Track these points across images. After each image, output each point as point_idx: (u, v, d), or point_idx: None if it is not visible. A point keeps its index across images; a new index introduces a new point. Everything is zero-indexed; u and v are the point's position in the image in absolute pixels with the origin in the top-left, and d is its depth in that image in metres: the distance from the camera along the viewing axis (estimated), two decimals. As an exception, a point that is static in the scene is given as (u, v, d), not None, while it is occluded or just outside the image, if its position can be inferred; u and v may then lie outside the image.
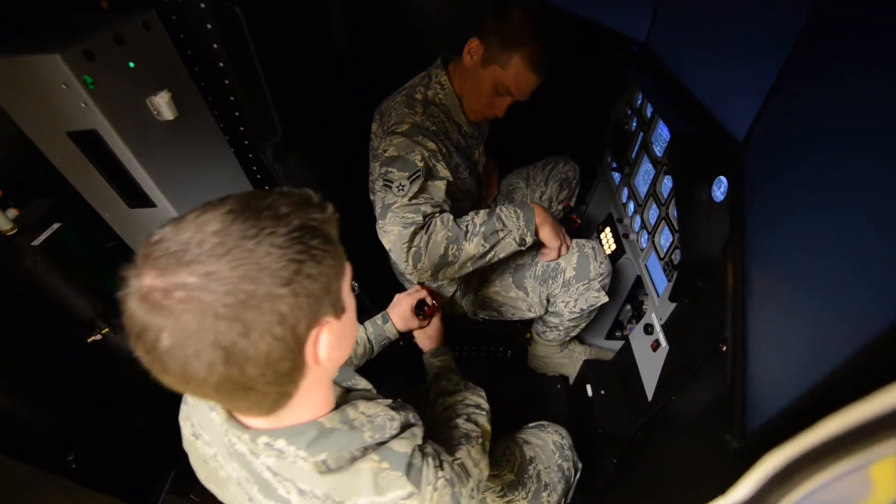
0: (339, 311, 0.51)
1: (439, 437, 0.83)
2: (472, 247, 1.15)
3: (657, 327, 1.32)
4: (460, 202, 1.40)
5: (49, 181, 0.94)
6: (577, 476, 1.20)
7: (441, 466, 0.61)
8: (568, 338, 1.65)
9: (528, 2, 1.13)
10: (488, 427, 0.92)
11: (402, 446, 0.59)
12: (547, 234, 1.27)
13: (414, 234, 1.09)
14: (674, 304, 1.25)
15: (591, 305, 1.43)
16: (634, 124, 1.56)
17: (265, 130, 1.08)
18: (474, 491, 0.71)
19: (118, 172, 0.81)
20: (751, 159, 0.93)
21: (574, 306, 1.44)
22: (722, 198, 1.02)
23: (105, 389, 1.06)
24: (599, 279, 1.39)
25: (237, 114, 1.03)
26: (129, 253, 1.02)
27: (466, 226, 1.16)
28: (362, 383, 0.75)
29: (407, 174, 1.09)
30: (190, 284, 0.40)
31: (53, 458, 1.01)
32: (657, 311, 1.34)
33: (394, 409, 0.65)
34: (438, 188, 1.17)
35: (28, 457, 0.94)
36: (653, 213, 1.40)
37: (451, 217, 1.15)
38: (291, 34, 1.09)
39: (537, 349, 1.74)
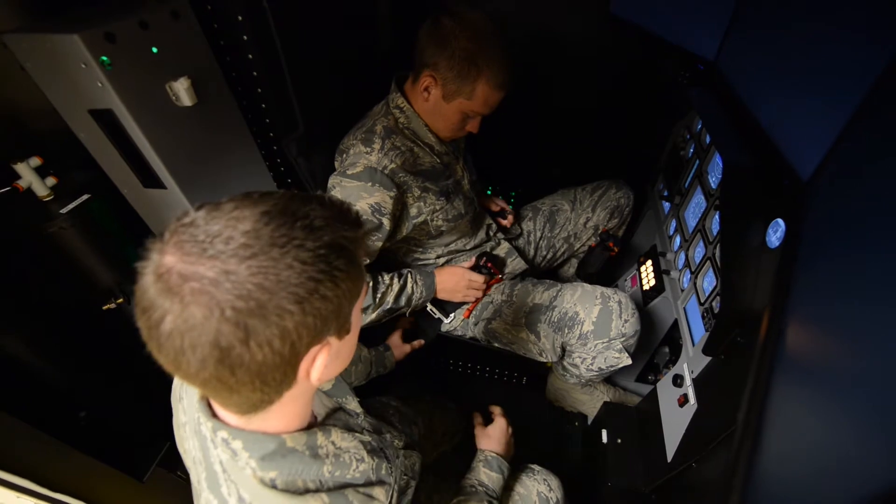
0: (343, 332, 0.51)
1: None
2: (374, 317, 1.22)
3: (687, 380, 1.17)
4: (447, 234, 1.33)
5: (90, 155, 0.99)
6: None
7: None
8: (587, 384, 1.52)
9: (464, 19, 1.00)
10: None
11: (359, 500, 0.56)
12: (445, 296, 1.34)
13: None
14: (708, 358, 1.10)
15: (612, 366, 1.28)
16: (691, 151, 1.40)
17: (288, 125, 1.09)
18: None
19: (132, 152, 0.84)
20: (815, 203, 0.79)
21: (591, 364, 1.29)
22: (777, 244, 0.87)
23: (112, 357, 1.11)
24: (622, 339, 1.24)
25: (264, 106, 1.04)
26: (148, 230, 1.06)
27: (379, 296, 1.19)
28: (352, 404, 0.71)
29: None
30: (206, 278, 0.40)
31: (66, 413, 1.07)
32: (690, 362, 1.19)
33: (370, 451, 0.61)
34: (372, 247, 1.14)
35: (42, 409, 1.00)
36: (699, 252, 1.25)
37: (371, 283, 1.17)
38: (323, 30, 1.08)
39: (556, 381, 1.62)
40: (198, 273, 0.39)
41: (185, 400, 0.61)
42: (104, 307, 1.06)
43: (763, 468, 0.52)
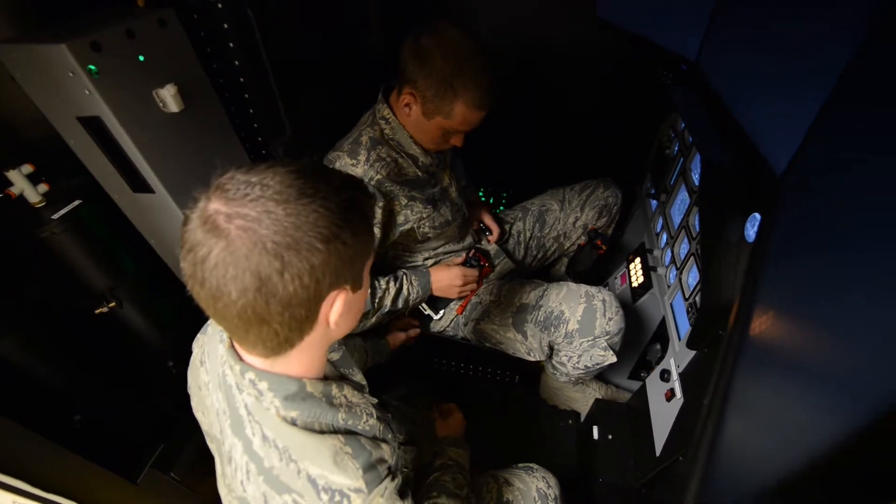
0: (356, 285, 0.57)
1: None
2: (374, 321, 1.24)
3: (674, 375, 1.18)
4: (435, 239, 1.34)
5: (81, 161, 1.01)
6: (560, 534, 1.08)
7: (403, 494, 0.61)
8: (579, 382, 1.53)
9: (443, 39, 1.00)
10: None
11: (370, 447, 0.60)
12: (441, 294, 1.34)
13: None
14: (693, 353, 1.11)
15: (597, 364, 1.30)
16: (676, 149, 1.42)
17: (275, 128, 1.11)
18: None
19: (121, 158, 0.85)
20: (787, 198, 0.80)
21: (578, 362, 1.31)
22: (755, 237, 0.89)
23: (106, 361, 1.13)
24: (606, 337, 1.26)
25: (251, 111, 1.06)
26: (139, 235, 1.08)
27: (378, 301, 1.21)
28: (358, 376, 0.75)
29: None
30: (250, 216, 0.46)
31: (60, 416, 1.09)
32: (676, 357, 1.21)
33: (376, 410, 0.66)
34: None
35: (36, 412, 1.01)
36: (684, 248, 1.26)
37: (368, 291, 1.15)
38: (309, 37, 1.10)
39: (549, 380, 1.63)
40: (241, 213, 0.46)
41: (209, 362, 0.67)
42: (97, 311, 1.08)
43: (726, 446, 0.53)
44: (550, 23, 1.66)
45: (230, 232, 0.46)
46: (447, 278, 1.33)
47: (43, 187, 1.02)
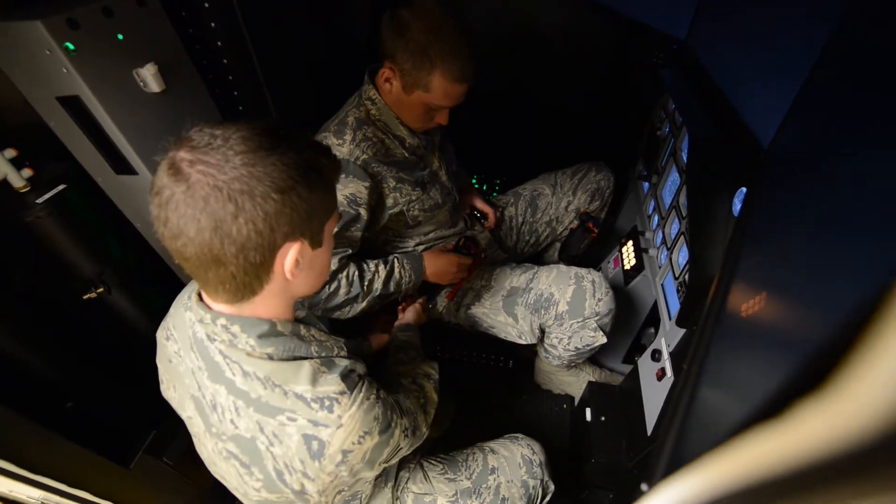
0: (315, 242, 0.60)
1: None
2: (364, 305, 1.20)
3: (665, 354, 1.18)
4: (425, 224, 1.33)
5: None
6: (547, 499, 1.09)
7: (377, 391, 0.66)
8: (573, 365, 1.53)
9: (420, 11, 0.99)
10: (433, 395, 0.94)
11: (344, 362, 0.65)
12: (434, 279, 1.31)
13: None
14: (683, 331, 1.11)
15: (588, 345, 1.30)
16: (667, 130, 1.42)
17: (260, 110, 1.10)
18: (408, 431, 0.73)
19: (102, 139, 0.85)
20: (771, 168, 0.80)
21: (568, 344, 1.32)
22: (740, 211, 0.89)
23: (95, 346, 1.13)
24: (596, 318, 1.26)
25: (235, 93, 1.05)
26: (126, 219, 1.08)
27: (367, 284, 1.19)
28: (322, 327, 0.76)
29: None
30: (210, 163, 0.50)
31: (52, 403, 1.09)
32: (667, 336, 1.21)
33: (343, 345, 0.70)
34: (353, 237, 1.14)
35: (27, 398, 1.02)
36: (674, 228, 1.26)
37: (357, 272, 1.16)
38: (293, 17, 1.09)
39: (542, 364, 1.63)
40: (203, 159, 0.50)
41: (175, 333, 0.69)
42: (84, 297, 1.07)
43: (697, 414, 0.53)
44: (538, 5, 1.65)
45: (191, 176, 0.50)
46: (442, 263, 1.31)
47: (27, 172, 1.01)
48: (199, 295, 0.64)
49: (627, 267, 1.48)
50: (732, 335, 0.54)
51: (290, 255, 0.57)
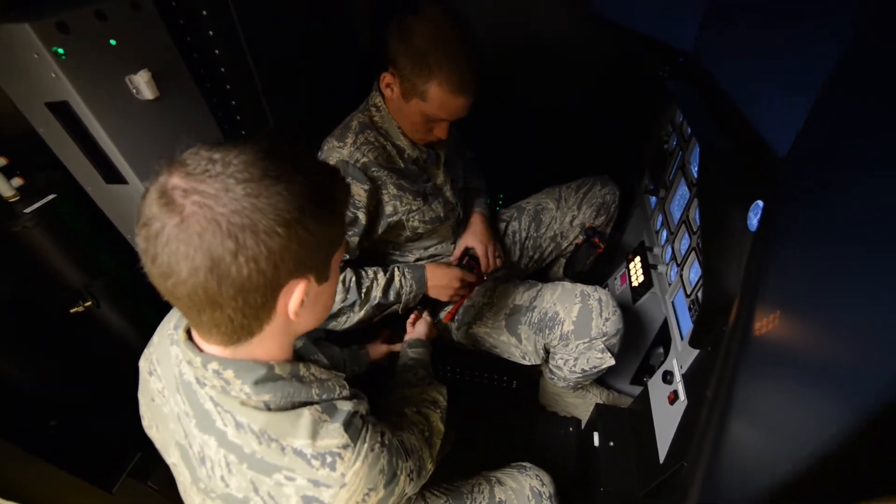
0: (321, 277, 0.55)
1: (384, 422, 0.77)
2: (362, 314, 1.16)
3: (677, 376, 1.12)
4: (426, 238, 1.29)
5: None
6: (555, 535, 1.02)
7: (382, 436, 0.61)
8: (579, 387, 1.47)
9: (426, 18, 0.97)
10: (440, 426, 0.88)
11: (346, 406, 0.59)
12: (434, 294, 1.26)
13: None
14: (697, 352, 1.06)
15: (595, 367, 1.24)
16: (674, 143, 1.38)
17: (259, 121, 1.07)
18: (413, 473, 0.67)
19: (92, 146, 0.82)
20: (791, 180, 0.76)
21: (574, 365, 1.25)
22: (758, 225, 0.85)
23: (81, 362, 1.08)
24: (603, 339, 1.19)
25: (233, 102, 1.03)
26: (118, 231, 1.04)
27: (364, 291, 1.14)
28: (323, 361, 0.71)
29: None
30: (208, 193, 0.44)
31: (32, 421, 1.04)
32: (679, 357, 1.15)
33: (346, 382, 0.65)
34: (351, 242, 1.10)
35: (11, 414, 0.97)
36: (684, 243, 1.21)
37: (354, 278, 1.12)
38: (292, 26, 1.08)
39: (547, 385, 1.57)
40: (199, 189, 0.44)
41: (160, 368, 0.63)
42: (72, 310, 1.03)
43: (729, 449, 0.48)
44: (543, 18, 1.64)
45: (185, 208, 0.44)
46: (446, 277, 1.26)
47: (17, 181, 0.99)
48: (188, 331, 0.58)
49: (635, 284, 1.43)
50: (764, 361, 0.49)
51: (294, 294, 0.52)
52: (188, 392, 0.57)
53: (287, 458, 0.54)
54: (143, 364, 0.68)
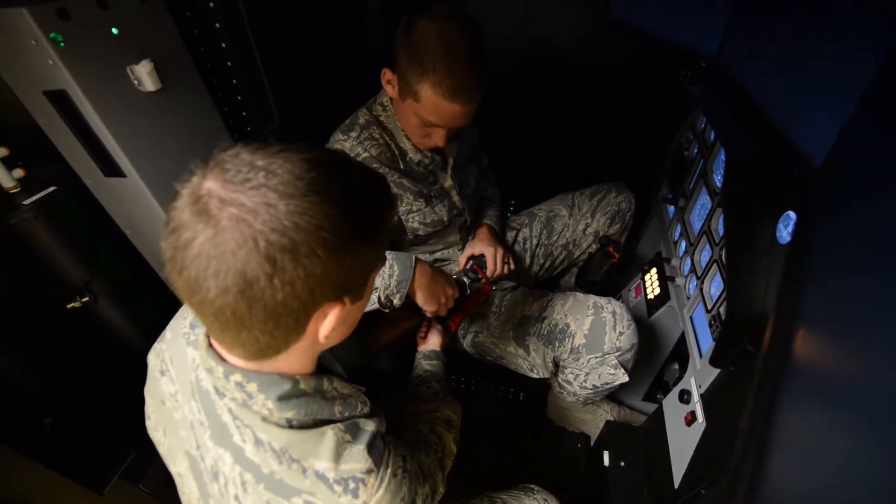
0: (357, 297, 0.52)
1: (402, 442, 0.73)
2: None
3: (695, 396, 1.06)
4: (430, 241, 1.24)
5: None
6: (562, 563, 0.96)
7: (403, 460, 0.58)
8: (589, 402, 1.40)
9: (434, 18, 0.93)
10: (453, 447, 0.83)
11: (369, 426, 0.56)
12: (420, 299, 1.06)
13: None
14: (717, 371, 0.99)
15: (607, 383, 1.17)
16: (695, 150, 1.33)
17: (265, 117, 1.05)
18: (429, 499, 0.64)
19: (90, 137, 0.80)
20: (827, 191, 0.70)
21: (585, 381, 1.18)
22: (789, 238, 0.79)
23: (77, 358, 1.06)
24: (616, 354, 1.13)
25: (239, 98, 1.01)
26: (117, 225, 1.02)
27: None
28: (339, 370, 0.68)
29: None
30: (247, 206, 0.40)
31: (28, 420, 1.01)
32: (697, 375, 1.09)
33: (366, 398, 0.62)
34: None
35: (5, 411, 0.95)
36: (705, 255, 1.15)
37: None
38: (300, 21, 1.05)
39: (556, 399, 1.51)
40: (238, 200, 0.40)
41: (173, 370, 0.60)
42: (68, 305, 1.01)
43: (769, 482, 0.43)
44: (560, 23, 1.60)
45: (221, 220, 0.40)
46: (434, 282, 1.08)
47: (19, 172, 0.97)
48: (209, 337, 0.54)
49: (651, 296, 1.37)
50: (811, 391, 0.44)
51: (328, 318, 0.49)
52: (205, 401, 0.54)
53: (308, 482, 0.50)
54: (152, 360, 0.64)
